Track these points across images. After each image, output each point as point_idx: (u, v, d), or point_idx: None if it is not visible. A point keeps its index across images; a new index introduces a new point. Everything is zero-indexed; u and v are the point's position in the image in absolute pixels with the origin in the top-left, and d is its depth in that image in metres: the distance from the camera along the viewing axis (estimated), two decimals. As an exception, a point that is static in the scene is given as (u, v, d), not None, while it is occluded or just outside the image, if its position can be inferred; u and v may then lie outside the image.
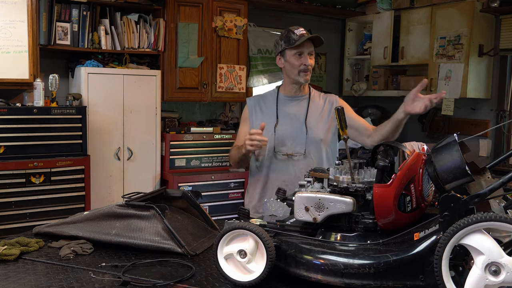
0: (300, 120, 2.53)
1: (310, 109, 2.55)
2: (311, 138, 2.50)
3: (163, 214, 1.93)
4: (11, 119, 3.73)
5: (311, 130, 2.51)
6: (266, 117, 2.55)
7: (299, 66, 2.49)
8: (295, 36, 2.46)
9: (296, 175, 2.48)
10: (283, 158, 2.51)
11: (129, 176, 4.45)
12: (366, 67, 6.28)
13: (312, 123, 2.53)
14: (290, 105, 2.57)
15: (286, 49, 2.50)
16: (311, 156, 2.50)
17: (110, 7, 4.43)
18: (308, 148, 2.50)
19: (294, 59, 2.50)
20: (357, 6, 6.08)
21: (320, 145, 2.52)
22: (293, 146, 2.50)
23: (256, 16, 5.53)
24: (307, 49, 2.49)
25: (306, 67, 2.48)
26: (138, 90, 4.44)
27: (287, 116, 2.54)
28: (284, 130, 2.51)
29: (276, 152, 2.51)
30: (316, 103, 2.59)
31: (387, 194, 1.49)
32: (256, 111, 2.60)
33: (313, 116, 2.55)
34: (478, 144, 5.06)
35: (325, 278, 1.47)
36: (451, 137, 1.48)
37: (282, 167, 2.51)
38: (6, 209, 3.68)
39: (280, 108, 2.56)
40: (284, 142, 2.51)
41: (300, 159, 2.49)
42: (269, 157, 2.52)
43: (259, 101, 2.64)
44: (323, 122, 2.56)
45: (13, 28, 3.96)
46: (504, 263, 1.24)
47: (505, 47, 4.90)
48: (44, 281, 1.61)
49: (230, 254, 1.59)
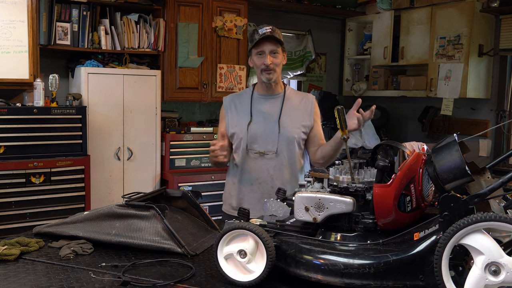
0: (273, 119, 2.53)
1: (284, 108, 2.56)
2: (284, 136, 2.51)
3: (163, 214, 1.93)
4: (11, 119, 3.73)
5: (284, 129, 2.52)
6: (241, 115, 2.57)
7: (260, 66, 2.49)
8: (257, 36, 2.46)
9: (269, 173, 2.51)
10: (256, 156, 2.52)
11: (129, 176, 4.45)
12: (366, 67, 6.28)
13: (285, 121, 2.53)
14: (265, 103, 2.58)
15: (252, 49, 2.51)
16: (283, 154, 2.52)
17: (110, 7, 4.44)
18: (280, 146, 2.51)
19: (256, 58, 2.50)
20: (357, 6, 6.08)
21: (293, 143, 2.54)
22: (265, 144, 2.52)
23: (256, 16, 5.53)
24: (268, 48, 2.46)
25: (266, 66, 2.47)
26: (138, 90, 4.44)
27: (260, 114, 2.55)
28: (257, 129, 2.53)
29: (248, 150, 2.53)
30: (291, 101, 2.59)
31: (387, 194, 1.49)
32: (231, 109, 2.62)
33: (287, 114, 2.55)
34: (478, 144, 5.06)
35: (325, 278, 1.47)
36: (451, 137, 1.48)
37: (254, 165, 2.53)
38: (6, 209, 3.68)
39: (254, 107, 2.57)
40: (256, 140, 2.52)
41: (272, 157, 2.51)
42: (243, 155, 2.54)
43: (234, 99, 2.65)
44: (297, 121, 2.56)
45: (13, 28, 3.96)
46: (504, 263, 1.24)
47: (505, 47, 4.90)
48: (44, 281, 1.61)
49: (230, 254, 1.59)
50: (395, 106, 6.00)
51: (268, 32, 2.44)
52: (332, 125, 5.27)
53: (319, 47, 6.12)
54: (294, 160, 2.55)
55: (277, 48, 2.47)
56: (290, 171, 2.55)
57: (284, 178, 2.53)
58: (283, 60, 2.54)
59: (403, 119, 5.97)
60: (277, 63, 2.48)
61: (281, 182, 2.50)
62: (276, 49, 2.47)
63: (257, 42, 2.45)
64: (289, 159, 2.53)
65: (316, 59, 6.13)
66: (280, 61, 2.51)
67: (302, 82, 6.18)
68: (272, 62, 2.46)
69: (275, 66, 2.48)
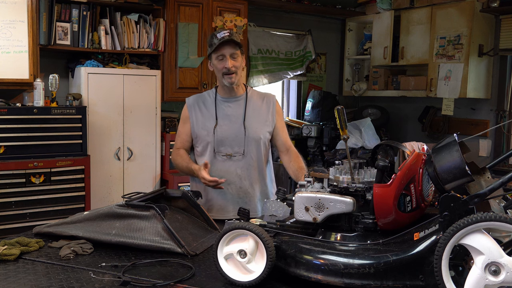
0: (238, 121, 2.57)
1: (248, 109, 2.60)
2: (250, 137, 2.56)
3: (163, 214, 1.93)
4: (11, 119, 3.73)
5: (250, 130, 2.56)
6: (206, 118, 2.60)
7: (221, 69, 2.51)
8: (216, 40, 2.47)
9: (237, 174, 2.55)
10: (223, 158, 2.56)
11: (129, 176, 4.45)
12: (366, 67, 6.28)
13: (250, 123, 2.57)
14: (228, 106, 2.61)
15: (211, 54, 2.53)
16: (250, 155, 2.57)
17: (110, 7, 4.43)
18: (247, 148, 2.56)
19: (217, 62, 2.53)
20: (357, 6, 6.08)
21: (259, 143, 2.59)
22: (232, 146, 2.56)
23: (256, 16, 5.54)
24: (228, 51, 2.49)
25: (227, 70, 2.50)
26: (138, 90, 4.44)
27: (226, 117, 2.58)
28: (223, 132, 2.56)
29: (216, 153, 2.56)
30: (253, 102, 2.63)
31: (387, 194, 1.49)
32: (196, 111, 2.63)
33: (251, 116, 2.59)
34: (478, 144, 5.06)
35: (325, 278, 1.47)
36: (451, 137, 1.48)
37: (222, 167, 2.56)
38: (6, 209, 3.68)
39: (218, 110, 2.60)
40: (223, 143, 2.56)
41: (239, 159, 2.56)
42: (210, 158, 2.57)
43: (198, 101, 2.66)
44: (261, 121, 2.61)
45: (13, 28, 3.96)
46: (504, 263, 1.24)
47: (505, 47, 4.90)
48: (44, 281, 1.61)
49: (230, 254, 1.59)
50: (395, 106, 6.00)
51: (227, 36, 2.46)
52: (332, 125, 5.27)
53: (319, 47, 6.12)
54: (261, 160, 2.61)
55: (236, 51, 2.51)
56: (257, 171, 2.60)
57: (252, 177, 2.58)
58: (243, 63, 2.58)
59: (403, 119, 5.97)
60: (237, 66, 2.52)
61: (249, 182, 2.57)
62: (236, 52, 2.51)
63: (217, 47, 2.47)
64: (256, 159, 2.59)
65: (316, 59, 6.13)
66: (240, 63, 2.55)
67: (302, 82, 6.18)
68: (233, 65, 2.50)
69: (236, 69, 2.52)
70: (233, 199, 2.57)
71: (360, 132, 5.25)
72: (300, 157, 2.65)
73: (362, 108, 6.04)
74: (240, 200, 2.56)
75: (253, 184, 2.57)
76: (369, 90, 5.97)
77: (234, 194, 2.56)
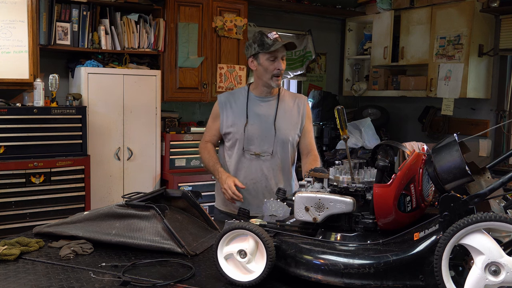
0: (269, 121, 2.57)
1: (279, 110, 2.60)
2: (279, 138, 2.56)
3: (163, 214, 1.93)
4: (11, 119, 3.73)
5: (280, 131, 2.56)
6: (237, 116, 2.60)
7: (272, 71, 2.51)
8: (269, 41, 2.46)
9: (264, 174, 2.55)
10: (251, 157, 2.56)
11: (129, 176, 4.45)
12: (366, 67, 6.28)
13: (280, 124, 2.58)
14: (260, 105, 2.61)
15: (259, 53, 2.52)
16: (278, 156, 2.57)
17: (110, 7, 4.43)
18: (276, 148, 2.56)
19: (268, 63, 2.51)
20: (357, 6, 6.08)
21: (287, 145, 2.59)
22: (261, 146, 2.56)
23: (256, 16, 5.53)
24: (281, 54, 2.50)
25: (279, 71, 2.50)
26: (138, 90, 4.44)
27: (257, 116, 2.58)
28: (253, 130, 2.56)
29: (244, 151, 2.56)
30: (285, 103, 2.63)
31: (387, 194, 1.49)
32: (227, 109, 2.63)
33: (282, 117, 2.60)
34: (478, 144, 5.06)
35: (325, 278, 1.47)
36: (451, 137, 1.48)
37: (250, 166, 2.57)
38: (6, 209, 3.68)
39: (250, 108, 2.60)
40: (253, 142, 2.56)
41: (267, 159, 2.56)
42: (238, 155, 2.57)
43: (229, 98, 2.66)
44: (291, 123, 2.61)
45: (13, 28, 3.96)
46: (504, 263, 1.24)
47: (505, 47, 4.90)
48: (44, 281, 1.61)
49: (230, 254, 1.59)
50: (395, 106, 6.00)
51: (278, 38, 2.48)
52: (332, 125, 5.27)
53: (319, 47, 6.12)
54: (288, 161, 2.60)
55: (285, 54, 2.53)
56: (284, 172, 2.60)
57: (278, 178, 2.58)
58: None
59: (403, 119, 5.97)
60: (284, 68, 2.55)
61: (275, 182, 2.57)
62: (285, 55, 2.53)
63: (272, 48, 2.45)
64: (283, 160, 2.59)
65: (316, 59, 6.13)
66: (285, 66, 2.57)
67: (302, 82, 6.18)
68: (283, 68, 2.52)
69: (283, 71, 2.55)
70: (256, 197, 2.55)
71: (360, 132, 5.25)
72: (317, 161, 2.62)
73: (362, 108, 6.04)
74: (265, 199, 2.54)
75: (278, 184, 2.56)
76: (369, 90, 5.97)
77: (259, 193, 2.55)
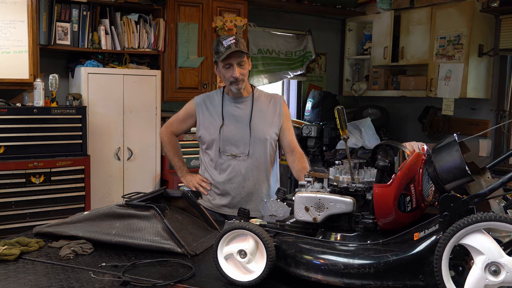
0: (244, 121, 2.58)
1: (254, 110, 2.60)
2: (255, 138, 2.56)
3: (163, 214, 1.93)
4: (11, 119, 3.73)
5: (255, 131, 2.56)
6: (213, 117, 2.61)
7: (229, 78, 2.51)
8: (222, 48, 2.45)
9: (241, 174, 2.56)
10: (229, 158, 2.57)
11: (129, 176, 4.44)
12: (366, 67, 6.28)
13: (256, 124, 2.58)
14: (235, 106, 2.61)
15: (217, 61, 2.53)
16: (255, 156, 2.57)
17: (110, 7, 4.43)
18: (252, 148, 2.56)
19: (224, 71, 2.52)
20: (357, 6, 6.08)
21: (265, 144, 2.59)
22: (237, 147, 2.57)
23: (256, 16, 5.53)
24: (235, 60, 2.48)
25: (235, 79, 2.49)
26: (138, 90, 4.44)
27: (232, 117, 2.59)
28: (229, 131, 2.57)
29: (221, 152, 2.58)
30: (260, 103, 2.63)
31: (387, 194, 1.49)
32: (203, 110, 2.65)
33: (257, 116, 2.60)
34: (478, 144, 5.06)
35: (325, 278, 1.47)
36: (451, 137, 1.48)
37: (228, 167, 2.58)
38: (6, 209, 3.68)
39: (225, 110, 2.61)
40: (229, 143, 2.57)
41: (244, 159, 2.56)
42: (215, 157, 2.59)
43: (205, 100, 2.68)
44: (267, 122, 2.61)
45: (13, 28, 3.96)
46: (504, 263, 1.24)
47: (505, 47, 4.90)
48: (44, 281, 1.61)
49: (230, 254, 1.59)
50: (395, 106, 6.00)
51: (233, 44, 2.44)
52: (332, 125, 5.27)
53: (319, 47, 6.12)
54: (267, 160, 2.61)
55: (243, 59, 2.50)
56: (262, 171, 2.60)
57: (256, 178, 2.59)
58: (249, 66, 2.58)
59: (403, 119, 5.97)
60: (244, 73, 2.53)
61: (252, 182, 2.58)
62: (243, 59, 2.50)
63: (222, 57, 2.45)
64: (261, 160, 2.59)
65: (316, 59, 6.13)
66: (247, 69, 2.55)
67: (302, 82, 6.18)
68: (241, 73, 2.50)
69: (243, 76, 2.53)
70: (235, 198, 2.58)
71: (360, 132, 5.25)
72: (304, 158, 2.64)
73: (362, 108, 6.04)
74: (242, 200, 2.57)
75: (256, 184, 2.58)
76: (369, 90, 5.97)
77: (237, 194, 2.57)
